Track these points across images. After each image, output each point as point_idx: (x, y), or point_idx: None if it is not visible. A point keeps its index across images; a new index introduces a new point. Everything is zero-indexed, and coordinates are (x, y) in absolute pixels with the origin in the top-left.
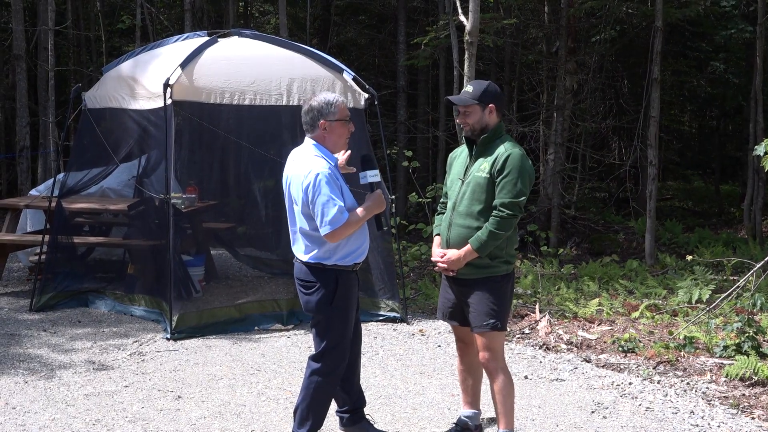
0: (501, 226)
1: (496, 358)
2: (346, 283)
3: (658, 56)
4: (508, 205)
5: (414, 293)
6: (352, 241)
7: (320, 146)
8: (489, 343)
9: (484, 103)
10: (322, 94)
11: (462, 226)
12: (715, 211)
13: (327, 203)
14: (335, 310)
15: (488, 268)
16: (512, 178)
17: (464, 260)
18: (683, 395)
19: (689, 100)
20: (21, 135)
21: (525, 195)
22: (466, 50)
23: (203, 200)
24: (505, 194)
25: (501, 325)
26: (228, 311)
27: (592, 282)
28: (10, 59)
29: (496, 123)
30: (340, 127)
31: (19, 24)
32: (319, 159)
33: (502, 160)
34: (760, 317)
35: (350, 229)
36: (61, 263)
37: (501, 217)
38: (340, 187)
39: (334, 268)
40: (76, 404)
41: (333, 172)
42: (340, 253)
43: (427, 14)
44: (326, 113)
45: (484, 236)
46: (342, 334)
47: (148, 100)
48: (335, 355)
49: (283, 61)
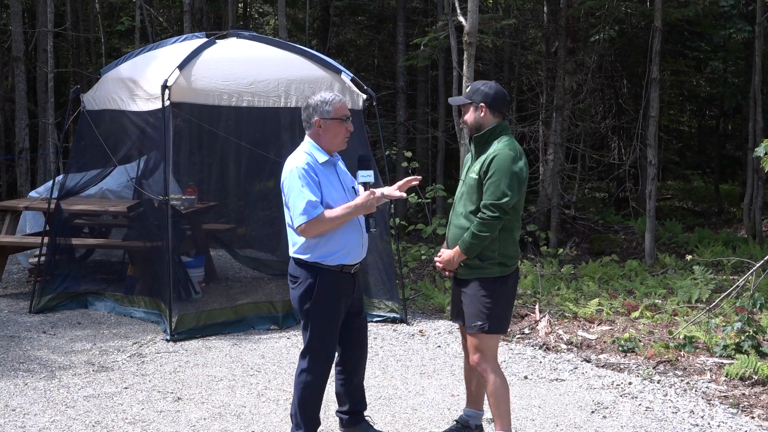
0: (482, 228)
1: (485, 360)
2: (328, 281)
3: (657, 56)
4: (490, 207)
5: (414, 294)
6: (334, 240)
7: (315, 144)
8: (479, 345)
9: (476, 102)
10: (320, 93)
11: (457, 226)
12: (714, 210)
13: (297, 196)
14: (315, 307)
15: (479, 269)
16: (495, 179)
17: (456, 261)
18: (683, 395)
19: (688, 99)
20: (20, 137)
21: (508, 196)
22: (465, 51)
23: (203, 201)
24: (488, 196)
25: (489, 328)
26: (225, 313)
27: (591, 282)
28: (9, 61)
29: (494, 123)
30: (336, 125)
31: (18, 26)
32: (302, 154)
33: (489, 161)
34: (759, 316)
35: (324, 226)
36: (60, 265)
37: (482, 219)
38: (318, 182)
39: (315, 264)
40: (75, 406)
41: (312, 166)
42: (319, 250)
43: (426, 15)
44: (321, 111)
45: (467, 237)
46: (323, 331)
47: (147, 102)
48: (317, 353)
49: (281, 63)
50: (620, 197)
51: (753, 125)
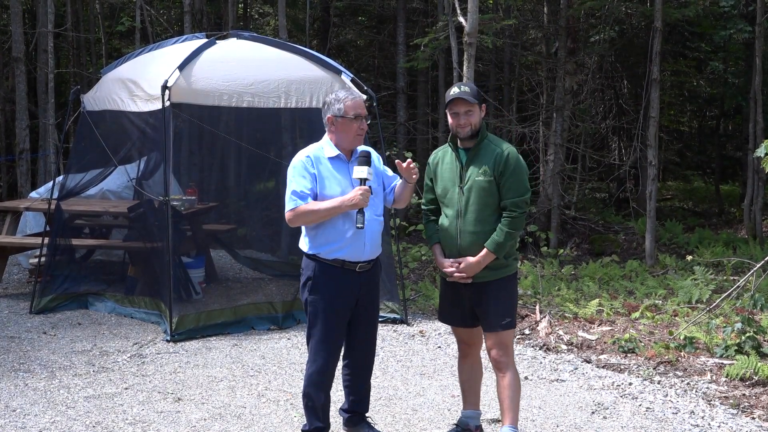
0: (515, 225)
1: (508, 354)
2: (327, 275)
3: (658, 56)
4: (519, 204)
5: (414, 294)
6: (328, 233)
7: (329, 140)
8: (503, 341)
9: (480, 103)
10: (337, 91)
11: (474, 233)
12: (715, 211)
13: (288, 186)
14: (312, 298)
15: (503, 269)
16: (516, 177)
17: (483, 264)
18: (683, 395)
19: (689, 100)
20: (21, 137)
21: (529, 191)
22: (465, 51)
23: (203, 202)
24: (512, 194)
25: (512, 323)
26: (225, 313)
27: (592, 282)
28: (9, 62)
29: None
30: (346, 123)
31: (18, 26)
32: (310, 148)
33: (503, 161)
34: (760, 317)
35: (308, 217)
36: (61, 265)
37: (513, 216)
38: (316, 175)
39: (314, 256)
40: (76, 406)
41: (312, 159)
42: (315, 242)
43: (426, 15)
44: (333, 109)
45: (500, 238)
46: (321, 323)
47: (147, 102)
48: (318, 347)
49: (281, 63)
50: (620, 198)
51: (753, 126)
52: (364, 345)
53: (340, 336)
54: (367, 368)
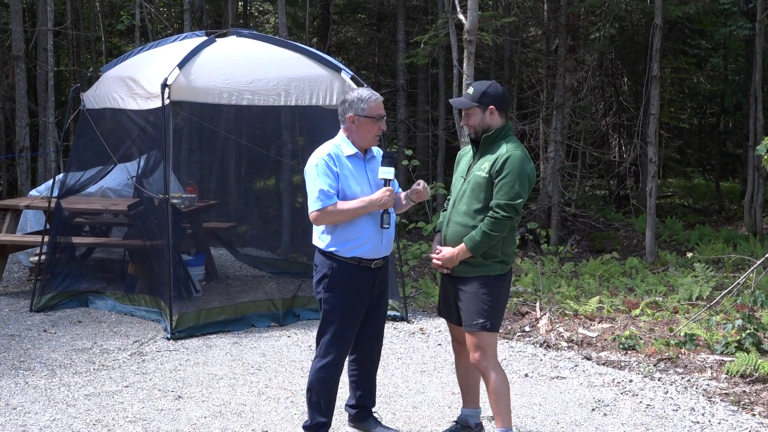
0: (495, 228)
1: (486, 358)
2: (343, 272)
3: (658, 53)
4: (504, 207)
5: (414, 292)
6: (348, 231)
7: (346, 138)
8: (479, 343)
9: (484, 105)
10: (360, 90)
11: (459, 224)
12: (715, 208)
13: (313, 184)
14: (328, 295)
15: (482, 267)
16: (510, 180)
17: (458, 258)
18: (684, 392)
19: (689, 97)
20: (21, 136)
21: (522, 198)
22: (465, 48)
23: (203, 200)
24: (501, 195)
25: (491, 326)
26: (225, 311)
27: (592, 279)
28: (9, 60)
29: (501, 124)
30: (368, 123)
31: (18, 25)
32: (328, 146)
33: (502, 161)
34: (760, 314)
35: (335, 216)
36: (61, 264)
37: (495, 218)
38: (338, 174)
39: (330, 254)
40: (76, 404)
41: (333, 158)
42: (334, 240)
43: (426, 13)
44: (356, 108)
45: (477, 236)
46: (335, 321)
47: (147, 100)
48: (330, 342)
49: (281, 61)
50: (621, 195)
51: (753, 122)
52: (373, 339)
53: (353, 333)
54: (375, 362)
